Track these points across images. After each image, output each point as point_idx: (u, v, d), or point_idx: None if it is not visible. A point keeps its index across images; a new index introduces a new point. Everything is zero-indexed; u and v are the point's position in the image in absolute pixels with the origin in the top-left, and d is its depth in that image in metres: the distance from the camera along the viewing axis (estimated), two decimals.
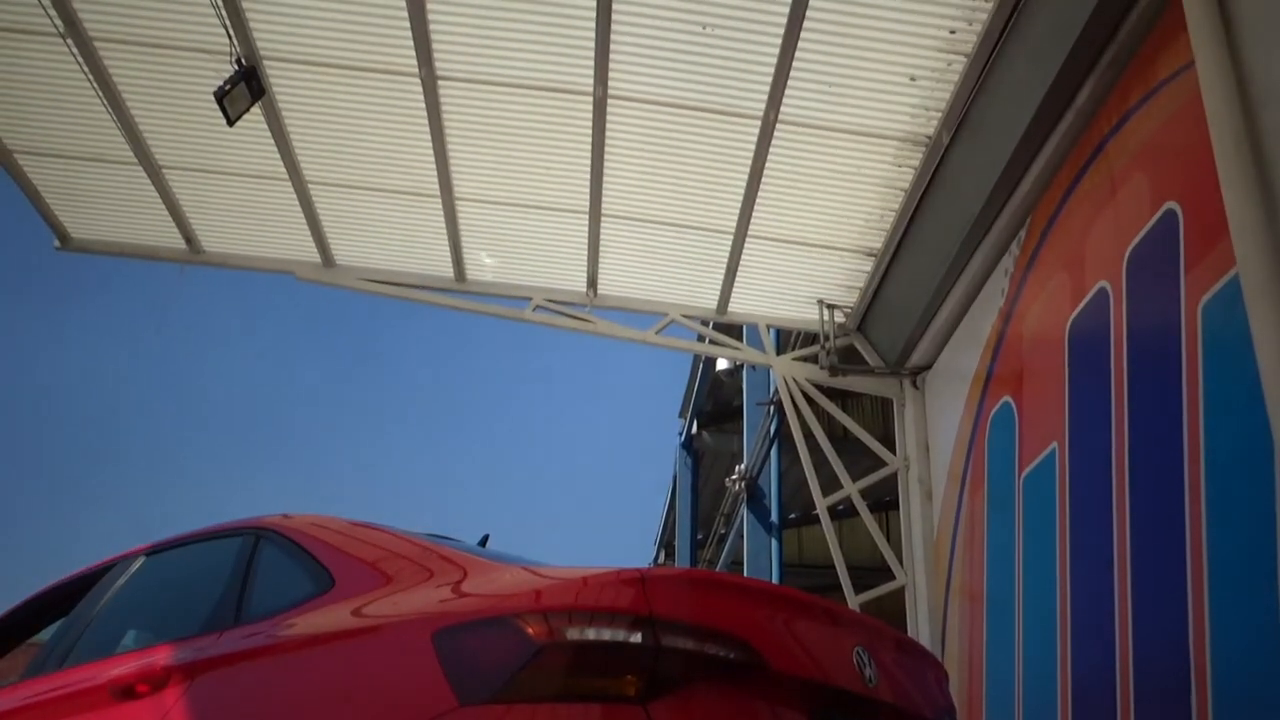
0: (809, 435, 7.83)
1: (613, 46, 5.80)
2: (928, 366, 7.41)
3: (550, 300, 7.71)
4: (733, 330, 9.05)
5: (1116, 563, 4.75)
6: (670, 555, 17.49)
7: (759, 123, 6.11)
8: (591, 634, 2.18)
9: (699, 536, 15.20)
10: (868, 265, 7.24)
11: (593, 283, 7.59)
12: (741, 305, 7.78)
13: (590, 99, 6.10)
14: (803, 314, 7.81)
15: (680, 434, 14.88)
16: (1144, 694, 4.47)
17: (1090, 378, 5.11)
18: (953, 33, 5.51)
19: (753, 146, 6.28)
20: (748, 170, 6.47)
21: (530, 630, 2.18)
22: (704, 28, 5.63)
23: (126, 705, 2.85)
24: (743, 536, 11.33)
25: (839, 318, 7.69)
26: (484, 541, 3.59)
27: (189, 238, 7.51)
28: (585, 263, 7.46)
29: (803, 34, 5.54)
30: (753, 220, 6.87)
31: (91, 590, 3.58)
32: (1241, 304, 3.78)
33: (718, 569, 13.14)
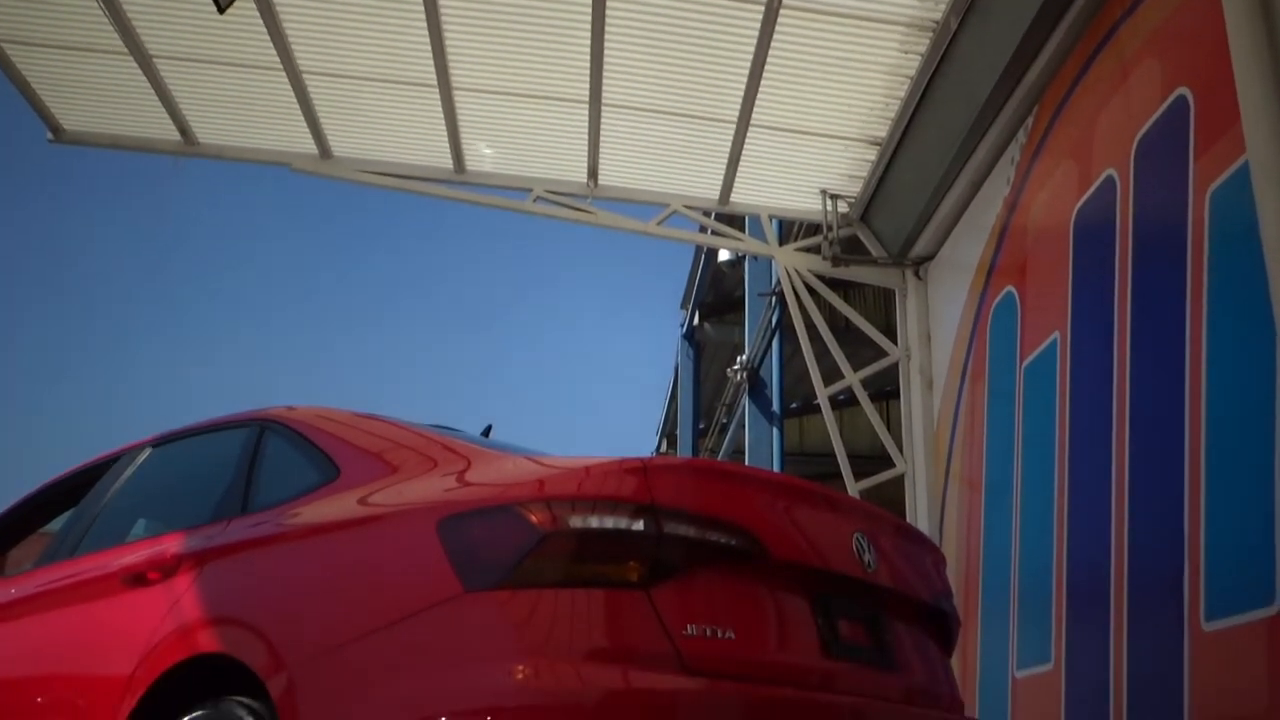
0: (810, 326, 7.83)
1: None
2: (931, 257, 7.37)
3: (551, 191, 7.62)
4: (735, 221, 8.98)
5: (1115, 452, 4.79)
6: (672, 445, 17.69)
7: (763, 8, 5.96)
8: (594, 522, 2.21)
9: (701, 427, 15.34)
10: (872, 154, 7.14)
11: (593, 173, 7.50)
12: (744, 196, 7.70)
13: None
14: (805, 204, 7.74)
15: (682, 326, 14.90)
16: (1137, 580, 4.55)
17: (1094, 267, 5.08)
18: None
19: (756, 33, 6.13)
20: (751, 57, 6.32)
21: (534, 518, 2.20)
22: None
23: (138, 591, 2.91)
24: (744, 426, 11.44)
25: (842, 208, 7.62)
26: (487, 432, 3.62)
27: (183, 129, 7.39)
28: (586, 153, 7.36)
29: None
30: (755, 109, 6.75)
31: (99, 481, 3.63)
32: (1250, 191, 3.74)
33: (719, 458, 13.29)
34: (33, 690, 3.08)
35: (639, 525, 2.22)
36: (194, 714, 2.50)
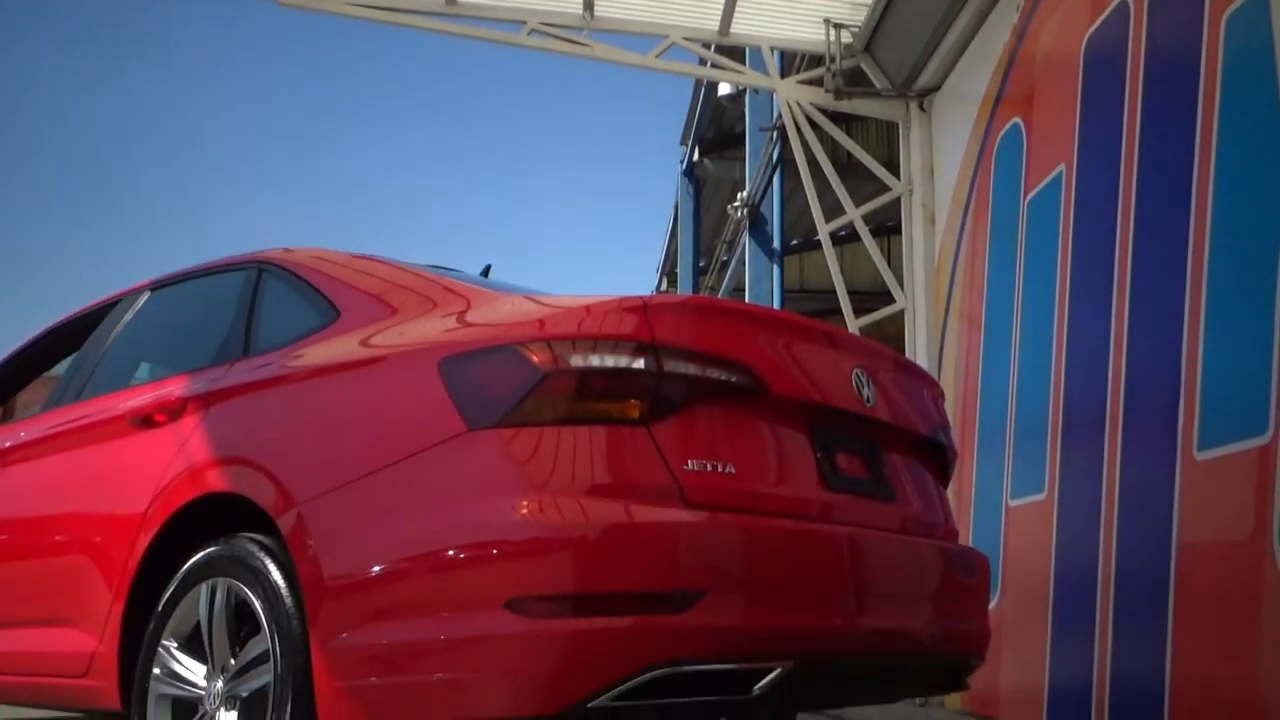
0: (812, 160, 7.71)
1: None
2: (936, 88, 7.19)
3: (545, 24, 7.38)
4: (735, 54, 8.73)
5: (1116, 285, 4.78)
6: (673, 284, 17.67)
7: None
8: (595, 360, 2.22)
9: (701, 264, 15.29)
10: None
11: (589, 4, 7.25)
12: (744, 26, 7.46)
13: None
14: (808, 35, 7.51)
15: (681, 162, 14.68)
16: (1133, 412, 4.61)
17: (1103, 97, 4.96)
18: None
19: None
20: None
21: (534, 358, 2.21)
22: None
23: (145, 433, 2.95)
24: (744, 263, 11.40)
25: (846, 38, 7.39)
26: (486, 272, 3.60)
27: None
28: None
29: None
30: None
31: (100, 325, 3.63)
32: (1268, 14, 3.62)
33: (719, 296, 13.30)
34: (51, 528, 3.15)
35: (639, 363, 2.22)
36: (207, 550, 2.57)
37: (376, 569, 2.19)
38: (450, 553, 2.11)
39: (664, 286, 18.71)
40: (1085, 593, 4.79)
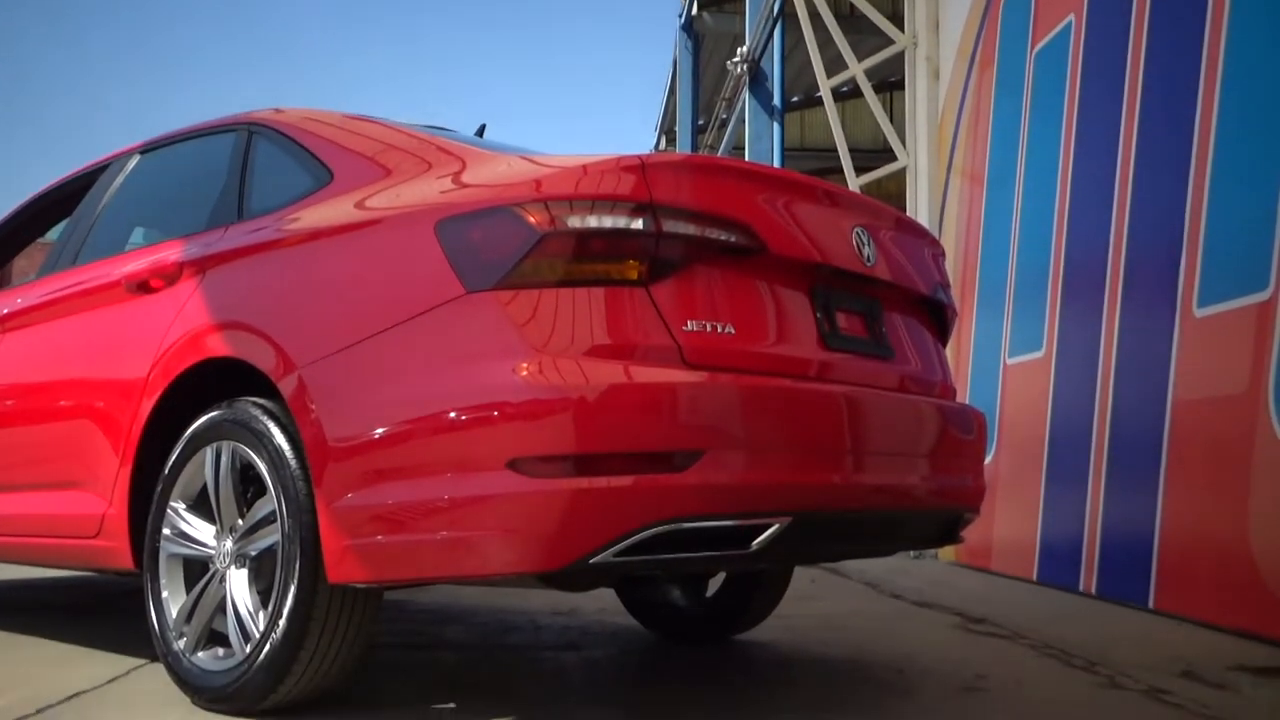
0: (814, 13, 7.51)
1: None
2: None
3: None
4: None
5: (1122, 141, 4.71)
6: (671, 142, 17.41)
7: None
8: (592, 221, 2.19)
9: (700, 123, 15.03)
10: None
11: None
12: None
13: None
14: None
15: (680, 16, 14.28)
16: (1134, 270, 4.59)
17: None
18: None
19: None
20: None
21: (531, 219, 2.19)
22: None
23: (142, 299, 2.94)
24: (744, 121, 11.20)
25: None
26: (481, 132, 3.54)
27: None
28: None
29: None
30: None
31: (91, 190, 3.58)
32: None
33: (719, 155, 13.12)
34: (55, 394, 3.18)
35: (638, 223, 2.20)
36: (210, 414, 2.59)
37: (379, 431, 2.21)
38: (452, 414, 2.13)
39: (663, 145, 18.43)
40: (1080, 448, 4.86)
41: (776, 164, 10.40)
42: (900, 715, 2.54)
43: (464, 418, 2.11)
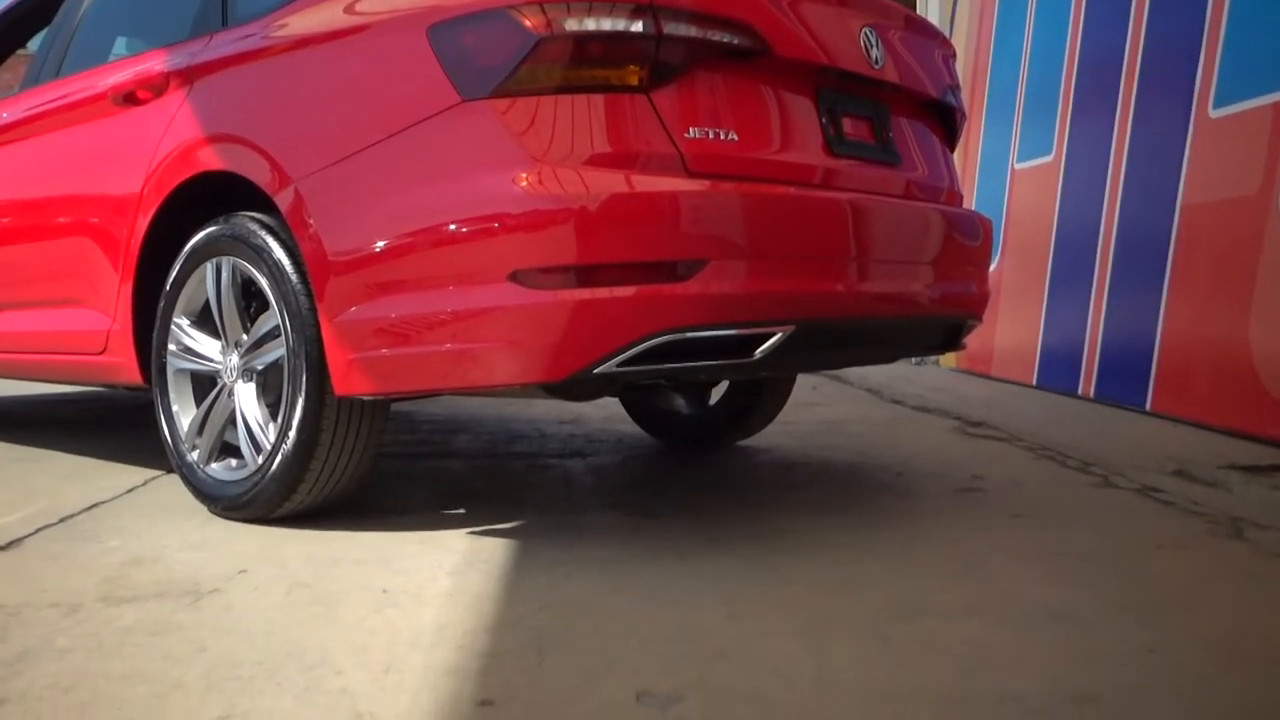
0: None
1: None
2: None
3: None
4: None
5: None
6: None
7: None
8: (590, 24, 2.11)
9: None
10: None
11: None
12: None
13: None
14: None
15: None
16: (1150, 72, 4.46)
17: None
18: None
19: None
20: None
21: (527, 22, 2.10)
22: None
23: (130, 111, 2.87)
24: None
25: None
26: None
27: None
28: None
29: None
30: None
31: None
32: None
33: None
34: (49, 210, 3.14)
35: (637, 25, 2.12)
36: (208, 229, 2.56)
37: (379, 244, 2.19)
38: (452, 227, 2.10)
39: None
40: (1085, 253, 4.83)
41: None
42: (900, 514, 2.61)
43: (464, 230, 2.09)
